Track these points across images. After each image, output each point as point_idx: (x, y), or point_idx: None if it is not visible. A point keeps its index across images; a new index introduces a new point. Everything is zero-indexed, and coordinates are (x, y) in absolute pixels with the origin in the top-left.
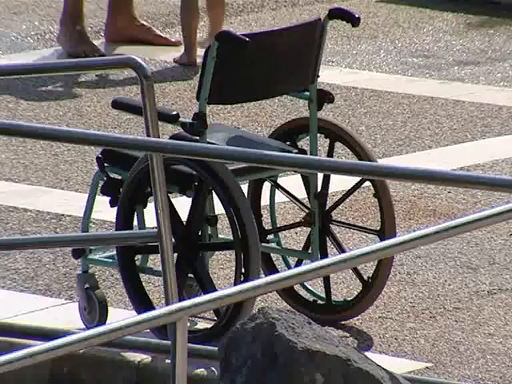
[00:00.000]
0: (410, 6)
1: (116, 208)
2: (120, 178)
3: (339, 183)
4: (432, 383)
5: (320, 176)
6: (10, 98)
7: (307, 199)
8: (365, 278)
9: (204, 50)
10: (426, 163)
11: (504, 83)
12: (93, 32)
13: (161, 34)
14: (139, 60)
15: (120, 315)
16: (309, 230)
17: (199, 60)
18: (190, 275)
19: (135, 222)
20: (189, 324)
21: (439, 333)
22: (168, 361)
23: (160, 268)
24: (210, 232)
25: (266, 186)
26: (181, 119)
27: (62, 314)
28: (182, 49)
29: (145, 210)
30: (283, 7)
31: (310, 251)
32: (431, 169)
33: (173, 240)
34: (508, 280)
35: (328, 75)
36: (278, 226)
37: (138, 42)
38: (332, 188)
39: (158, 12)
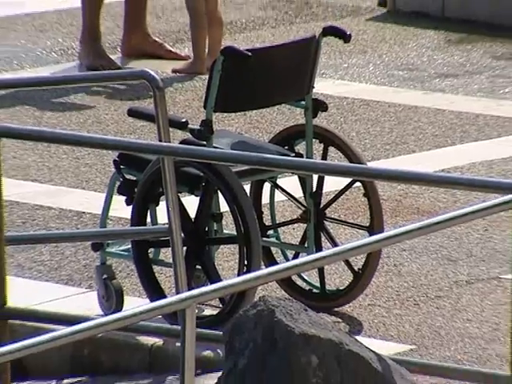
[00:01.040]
0: (396, 24)
1: (131, 206)
2: (135, 179)
3: (332, 184)
4: (415, 364)
5: (315, 177)
6: (35, 107)
7: (303, 198)
8: (355, 269)
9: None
10: (411, 166)
11: (480, 94)
12: (110, 47)
13: (171, 49)
14: (152, 73)
15: (135, 303)
16: (305, 226)
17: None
18: (198, 267)
19: (148, 219)
20: (197, 311)
21: (422, 318)
22: (178, 344)
23: (171, 260)
24: (215, 228)
25: (267, 186)
26: (189, 126)
27: (83, 302)
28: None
29: (157, 208)
30: (282, 25)
31: (306, 245)
32: (415, 171)
33: (182, 235)
34: (484, 271)
35: (322, 86)
36: (277, 222)
37: (150, 56)
38: (326, 188)
39: (169, 29)
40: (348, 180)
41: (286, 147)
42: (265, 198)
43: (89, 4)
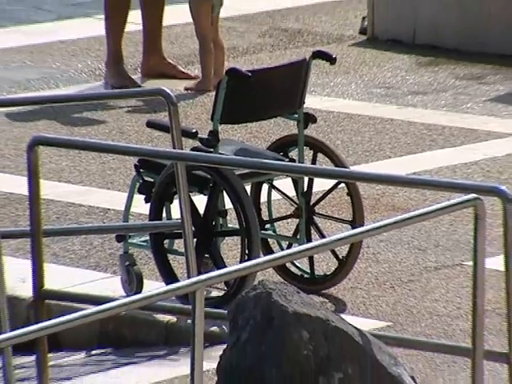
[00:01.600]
0: (374, 49)
1: (149, 204)
2: (152, 180)
3: (320, 184)
4: (392, 338)
5: (306, 179)
6: (68, 119)
7: (296, 197)
8: (340, 257)
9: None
10: (387, 169)
11: (446, 108)
12: (132, 69)
13: (183, 70)
14: (167, 90)
15: (152, 286)
16: (297, 220)
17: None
18: (206, 255)
19: (164, 215)
20: (205, 293)
21: (397, 299)
22: (189, 321)
23: (183, 250)
24: (221, 222)
25: (265, 186)
26: (199, 135)
27: (109, 285)
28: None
29: (171, 205)
30: (277, 50)
31: (298, 237)
32: (391, 174)
33: (193, 228)
34: (449, 258)
35: (312, 102)
36: (274, 217)
37: (165, 76)
38: (315, 188)
39: (182, 53)
40: (334, 181)
41: (282, 154)
42: (263, 197)
43: (112, 32)
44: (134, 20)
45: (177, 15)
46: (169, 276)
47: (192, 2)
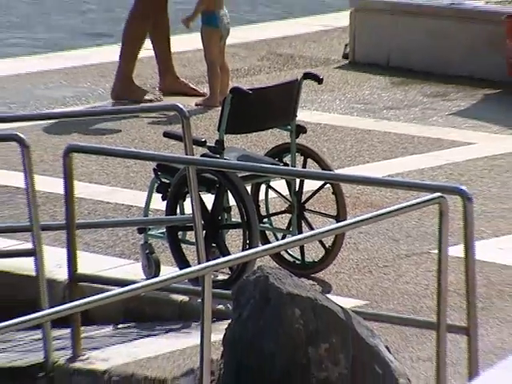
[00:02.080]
0: (355, 71)
1: (165, 201)
2: (168, 182)
3: (310, 185)
4: (369, 314)
5: (297, 180)
6: (97, 130)
7: (289, 195)
8: (326, 246)
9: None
10: (366, 172)
11: (415, 121)
12: (151, 87)
13: (194, 87)
14: (181, 106)
15: (168, 270)
16: (290, 215)
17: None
18: (213, 245)
19: (178, 211)
20: (212, 276)
21: (374, 282)
22: (199, 300)
23: (194, 240)
24: (226, 217)
25: (263, 187)
26: (207, 144)
27: (131, 270)
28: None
29: (184, 202)
30: (273, 71)
31: (291, 229)
32: (369, 176)
33: (202, 222)
34: (418, 247)
35: (303, 115)
36: (270, 213)
37: (178, 93)
38: (305, 188)
39: (193, 74)
40: (321, 182)
41: (277, 159)
42: (261, 196)
43: (126, 57)
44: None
45: (188, 43)
46: (182, 262)
47: (204, 32)
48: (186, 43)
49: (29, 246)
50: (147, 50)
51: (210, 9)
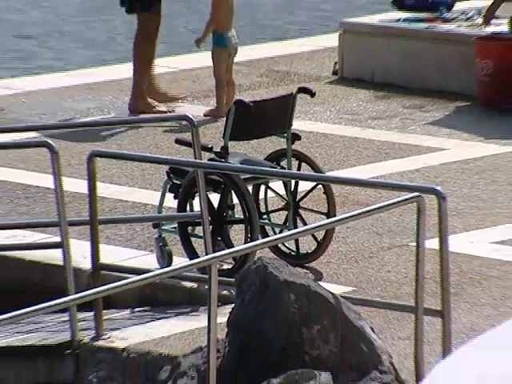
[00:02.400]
0: (344, 86)
1: (177, 200)
2: (179, 183)
3: (304, 186)
4: (356, 299)
5: (293, 182)
6: (117, 137)
7: (286, 195)
8: (318, 239)
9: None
10: (353, 175)
11: (396, 130)
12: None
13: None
14: (190, 116)
15: (179, 261)
16: (286, 212)
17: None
18: (219, 238)
19: (188, 208)
20: (218, 266)
21: (360, 270)
22: (206, 287)
23: (202, 234)
24: (230, 214)
25: (262, 187)
26: (214, 149)
27: (147, 260)
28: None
29: (193, 201)
30: (272, 86)
31: (287, 224)
32: (355, 178)
33: (209, 218)
34: (399, 241)
35: (297, 125)
36: (269, 210)
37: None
38: (300, 188)
39: (201, 89)
40: (313, 183)
41: (275, 163)
42: (261, 195)
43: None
44: (169, 64)
45: (196, 61)
46: (191, 253)
47: (214, 51)
48: (194, 61)
49: (57, 239)
50: (162, 67)
51: (219, 30)
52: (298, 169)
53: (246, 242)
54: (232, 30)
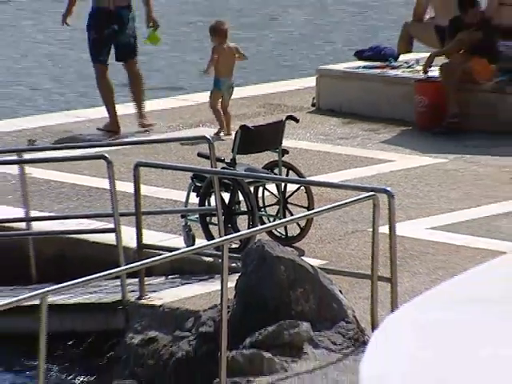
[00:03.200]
0: (320, 115)
1: (198, 197)
2: (200, 185)
3: (291, 187)
4: (329, 269)
5: (283, 184)
6: (154, 152)
7: (278, 193)
8: (301, 226)
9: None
10: (326, 179)
11: (358, 146)
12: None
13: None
14: (208, 136)
15: (200, 242)
16: (278, 206)
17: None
18: (229, 225)
19: (206, 203)
20: (229, 245)
21: (331, 248)
22: (220, 261)
23: (217, 222)
24: (237, 207)
25: (260, 188)
26: (225, 161)
27: (177, 241)
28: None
29: (210, 198)
30: (267, 115)
31: (279, 215)
32: (327, 181)
33: (222, 211)
34: (360, 227)
35: (286, 143)
36: (265, 204)
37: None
38: (288, 189)
39: (205, 119)
40: (297, 185)
41: (270, 170)
42: (259, 193)
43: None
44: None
45: (202, 98)
46: (209, 236)
47: (211, 91)
48: (199, 98)
49: (112, 226)
50: (187, 100)
51: (217, 75)
52: (287, 175)
53: (248, 228)
54: (230, 79)
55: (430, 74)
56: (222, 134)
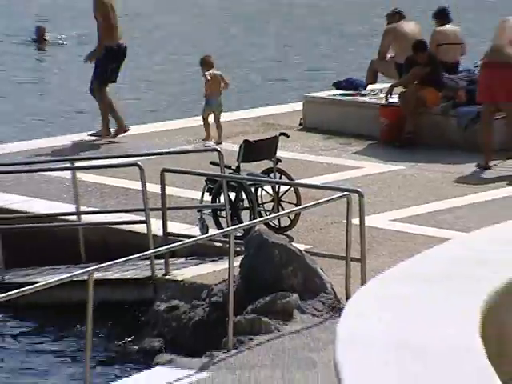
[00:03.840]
0: (306, 132)
1: (211, 196)
2: (212, 186)
3: (283, 188)
4: (312, 252)
5: (277, 186)
6: (174, 160)
7: (273, 193)
8: (291, 218)
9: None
10: (310, 182)
11: (335, 156)
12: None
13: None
14: (218, 148)
15: (212, 231)
16: (273, 203)
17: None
18: (235, 218)
19: (217, 201)
20: (234, 234)
21: (315, 237)
22: (227, 245)
23: (225, 216)
24: (241, 204)
25: (259, 189)
26: (232, 167)
27: (194, 231)
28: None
29: (220, 197)
30: (265, 132)
31: (273, 210)
32: (311, 183)
33: (229, 206)
34: (337, 219)
35: (279, 153)
36: (263, 202)
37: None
38: (281, 189)
39: (215, 135)
40: (288, 187)
41: (266, 175)
42: (259, 193)
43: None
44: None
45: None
46: (219, 227)
47: (203, 109)
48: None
49: (143, 218)
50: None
51: (207, 97)
52: (280, 178)
53: (250, 220)
54: (217, 99)
55: (390, 100)
56: (211, 142)
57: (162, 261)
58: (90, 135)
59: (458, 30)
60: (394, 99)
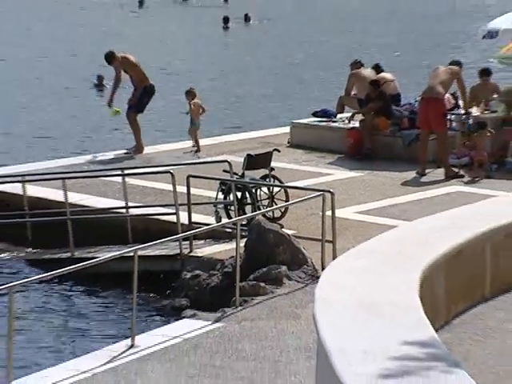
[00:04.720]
0: (293, 148)
1: (223, 195)
2: (224, 188)
3: (276, 189)
4: (296, 236)
5: (271, 187)
6: (194, 169)
7: (268, 193)
8: (281, 211)
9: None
10: (295, 184)
11: (313, 167)
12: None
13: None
14: (228, 159)
15: (223, 221)
16: (268, 200)
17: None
18: (241, 211)
19: (228, 198)
20: (240, 223)
21: (298, 224)
22: (235, 231)
23: (234, 210)
24: (245, 201)
25: (259, 190)
26: (238, 174)
27: (210, 220)
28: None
29: (229, 195)
30: (261, 148)
31: (269, 205)
32: (296, 185)
33: (236, 203)
34: (315, 211)
35: (273, 164)
36: (261, 199)
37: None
38: (274, 190)
39: (226, 151)
40: (279, 188)
41: (264, 179)
42: (258, 193)
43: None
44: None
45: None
46: (229, 218)
47: (190, 128)
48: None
49: (173, 211)
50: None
51: (193, 119)
52: (273, 182)
53: (252, 213)
54: (198, 119)
55: (353, 124)
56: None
57: (188, 242)
58: (127, 150)
59: (391, 76)
60: (356, 124)
